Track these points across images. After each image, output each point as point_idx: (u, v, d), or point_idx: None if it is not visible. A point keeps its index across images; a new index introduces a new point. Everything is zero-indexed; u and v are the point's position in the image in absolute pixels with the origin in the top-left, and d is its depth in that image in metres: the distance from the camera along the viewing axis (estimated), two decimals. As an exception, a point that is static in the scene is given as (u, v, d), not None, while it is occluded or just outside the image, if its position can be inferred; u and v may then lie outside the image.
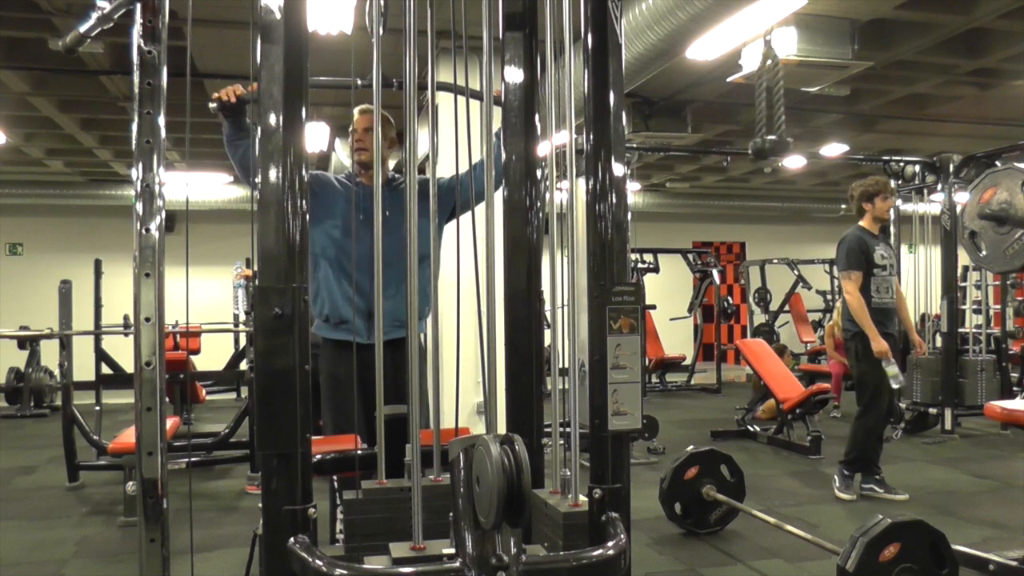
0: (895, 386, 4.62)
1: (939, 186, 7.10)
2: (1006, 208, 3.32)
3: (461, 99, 2.03)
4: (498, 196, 2.26)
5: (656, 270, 10.61)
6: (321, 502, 1.72)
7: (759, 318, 12.47)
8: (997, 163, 6.25)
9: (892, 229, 7.57)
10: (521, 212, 2.22)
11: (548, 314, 2.10)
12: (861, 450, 4.74)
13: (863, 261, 4.68)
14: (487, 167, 1.93)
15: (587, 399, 1.82)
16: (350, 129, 3.10)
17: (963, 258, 6.14)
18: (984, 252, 3.47)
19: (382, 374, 1.94)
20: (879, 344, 4.54)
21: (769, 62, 3.66)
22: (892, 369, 4.57)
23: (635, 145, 7.65)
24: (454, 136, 2.05)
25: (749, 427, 6.96)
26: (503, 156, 2.25)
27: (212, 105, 2.81)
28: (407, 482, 1.82)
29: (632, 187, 11.32)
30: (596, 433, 1.80)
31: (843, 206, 13.74)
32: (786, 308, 12.47)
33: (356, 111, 3.08)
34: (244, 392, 9.34)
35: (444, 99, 2.43)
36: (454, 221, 2.92)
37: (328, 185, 3.01)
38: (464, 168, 2.76)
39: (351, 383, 2.75)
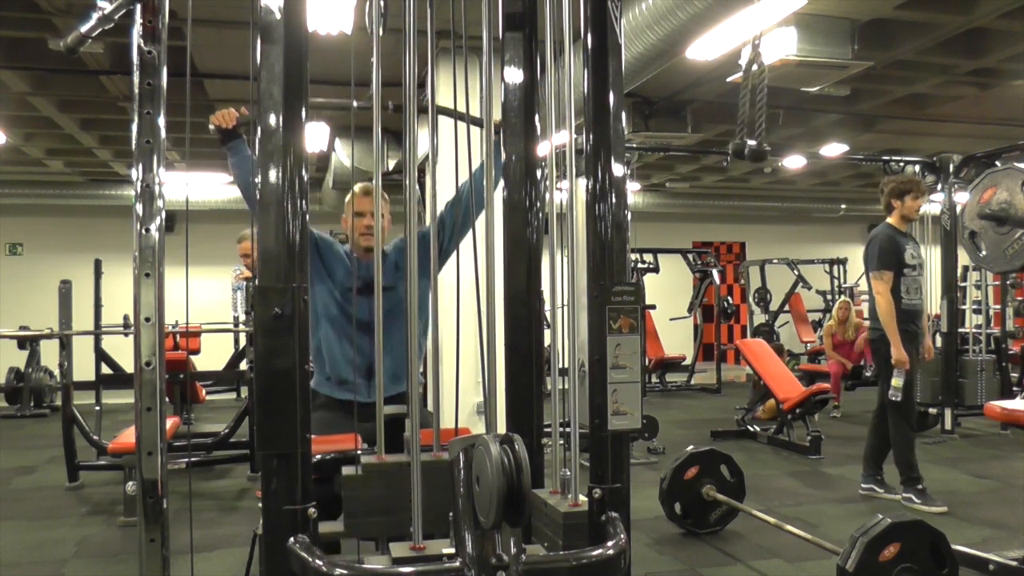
0: (891, 397, 4.48)
1: (939, 186, 7.10)
2: (1006, 208, 3.32)
3: (461, 99, 2.03)
4: (497, 195, 2.26)
5: (656, 270, 10.61)
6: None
7: (759, 318, 12.47)
8: (997, 163, 6.25)
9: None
10: (521, 212, 2.22)
11: (548, 314, 2.10)
12: (909, 463, 4.57)
13: (894, 261, 4.54)
14: (487, 167, 1.93)
15: (587, 399, 1.82)
16: (351, 210, 2.91)
17: (963, 258, 6.15)
18: (984, 252, 3.47)
19: (381, 369, 1.94)
20: (900, 353, 4.44)
21: (755, 67, 3.66)
22: (898, 380, 4.46)
23: (635, 145, 7.65)
24: (454, 136, 2.05)
25: (749, 427, 6.96)
26: (502, 155, 2.25)
27: (212, 127, 2.76)
28: (406, 457, 1.81)
29: (632, 187, 11.33)
30: (596, 433, 1.80)
31: (843, 206, 13.76)
32: (786, 308, 12.48)
33: (358, 189, 2.98)
34: (244, 392, 9.35)
35: (444, 98, 2.43)
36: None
37: (331, 248, 2.97)
38: (463, 180, 2.71)
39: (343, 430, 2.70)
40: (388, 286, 2.05)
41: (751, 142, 3.84)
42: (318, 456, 1.98)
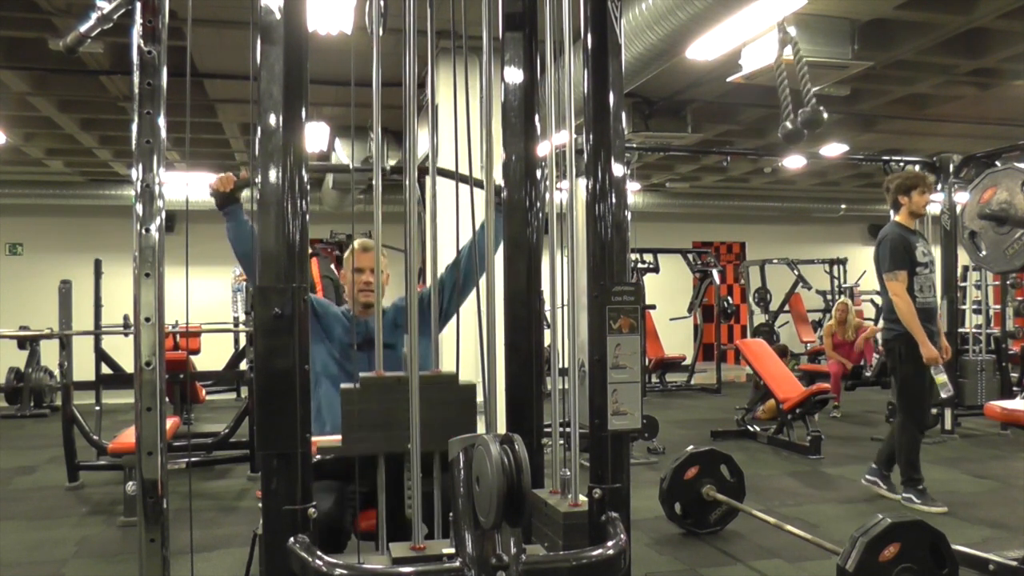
0: (944, 395, 4.35)
1: (939, 186, 7.10)
2: (1006, 208, 3.32)
3: (460, 99, 2.03)
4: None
5: (656, 270, 10.61)
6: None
7: (759, 318, 12.47)
8: (997, 163, 6.25)
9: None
10: (521, 212, 2.22)
11: (548, 314, 2.10)
12: (912, 464, 4.54)
13: (907, 260, 4.48)
14: (488, 230, 1.90)
15: (587, 399, 1.82)
16: (350, 266, 2.98)
17: (963, 258, 6.14)
18: (984, 252, 3.47)
19: (381, 340, 1.97)
20: (930, 351, 4.36)
21: (788, 48, 3.59)
22: (941, 377, 4.37)
23: (635, 145, 7.65)
24: (454, 137, 2.05)
25: (749, 427, 6.96)
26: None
27: (209, 192, 2.77)
28: (405, 373, 1.81)
29: (632, 187, 11.33)
30: (596, 433, 1.80)
31: (843, 206, 13.76)
32: (786, 308, 12.48)
33: (357, 245, 3.00)
34: (244, 392, 9.35)
35: (444, 98, 2.43)
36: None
37: (329, 312, 2.98)
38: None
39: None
40: (387, 343, 2.06)
41: (801, 111, 3.72)
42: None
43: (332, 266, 7.49)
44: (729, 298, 11.94)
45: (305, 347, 1.64)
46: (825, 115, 3.67)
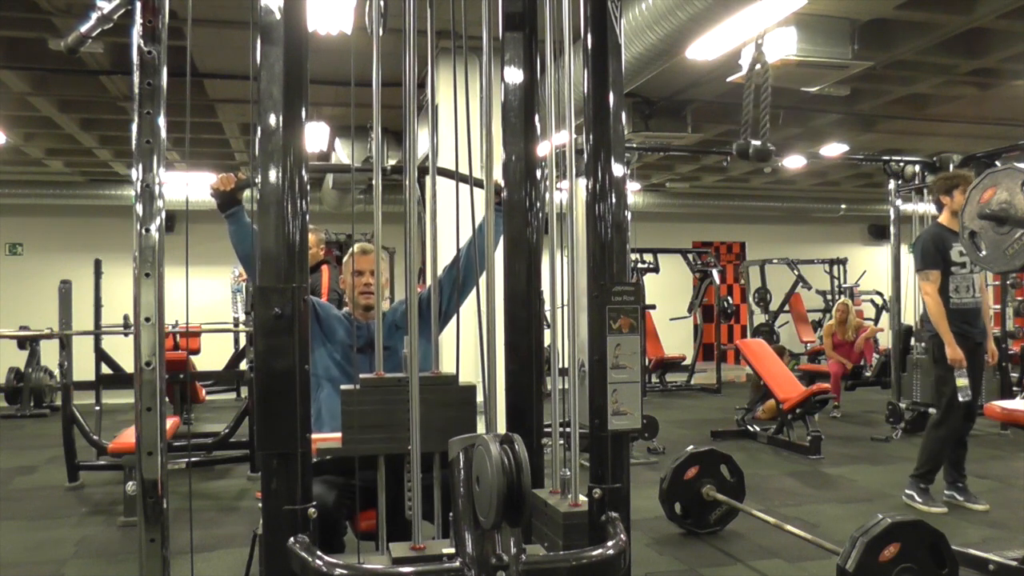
0: (961, 399, 4.34)
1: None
2: (1006, 208, 3.32)
3: (460, 99, 2.03)
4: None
5: (656, 270, 10.61)
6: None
7: (759, 318, 12.46)
8: (997, 163, 6.24)
9: (892, 229, 7.58)
10: (521, 212, 2.22)
11: (548, 314, 2.10)
12: (934, 462, 4.52)
13: (939, 259, 4.45)
14: (488, 230, 1.90)
15: (587, 399, 1.82)
16: (350, 270, 3.00)
17: (963, 258, 6.13)
18: (984, 252, 3.46)
19: (381, 342, 1.97)
20: (954, 351, 4.33)
21: (758, 66, 3.63)
22: (962, 380, 4.34)
23: (635, 145, 7.65)
24: (454, 137, 2.05)
25: (749, 427, 6.96)
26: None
27: (210, 193, 2.78)
28: (404, 374, 1.83)
29: (632, 187, 11.32)
30: (596, 433, 1.80)
31: (843, 206, 13.76)
32: (786, 308, 12.47)
33: (356, 249, 3.03)
34: (244, 392, 9.35)
35: (444, 98, 2.43)
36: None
37: (331, 314, 3.00)
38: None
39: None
40: (387, 346, 2.07)
41: (755, 142, 3.80)
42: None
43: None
44: (729, 298, 11.93)
45: (305, 347, 1.64)
46: (773, 149, 3.72)
